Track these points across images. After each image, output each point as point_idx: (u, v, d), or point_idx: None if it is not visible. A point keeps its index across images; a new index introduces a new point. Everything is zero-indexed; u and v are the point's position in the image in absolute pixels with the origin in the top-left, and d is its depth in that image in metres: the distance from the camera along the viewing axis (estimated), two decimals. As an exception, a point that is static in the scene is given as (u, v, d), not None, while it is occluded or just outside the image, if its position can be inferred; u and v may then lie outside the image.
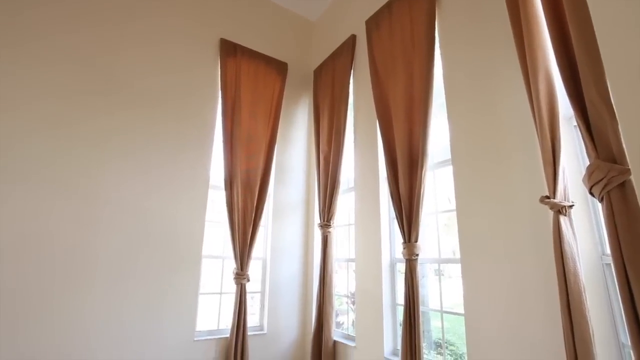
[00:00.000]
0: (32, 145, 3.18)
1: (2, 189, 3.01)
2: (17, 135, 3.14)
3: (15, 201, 3.05)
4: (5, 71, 3.18)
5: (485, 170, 2.57)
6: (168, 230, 3.68)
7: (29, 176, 3.13)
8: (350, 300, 4.10)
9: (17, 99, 3.19)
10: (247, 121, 4.29)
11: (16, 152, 3.11)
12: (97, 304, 3.23)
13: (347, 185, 4.27)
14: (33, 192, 3.13)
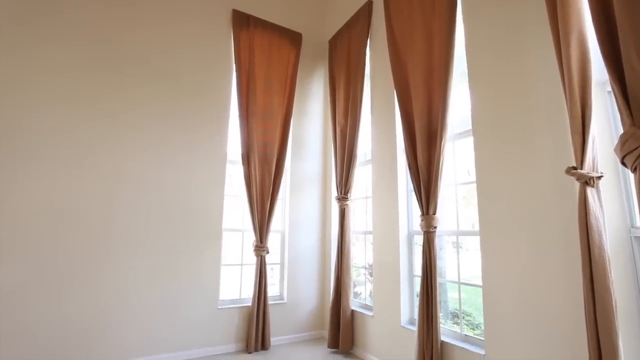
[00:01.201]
0: (62, 130, 3.25)
1: (39, 170, 3.11)
2: (48, 121, 3.20)
3: (51, 180, 3.16)
4: (28, 54, 3.20)
5: (507, 141, 2.46)
6: (189, 204, 3.75)
7: (61, 158, 3.23)
8: (367, 272, 4.14)
9: (42, 84, 3.23)
10: (262, 95, 4.22)
11: (49, 138, 3.19)
12: (130, 273, 3.38)
13: (364, 158, 4.21)
14: (65, 172, 3.23)
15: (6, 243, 2.97)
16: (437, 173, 2.86)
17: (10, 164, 3.05)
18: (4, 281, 2.93)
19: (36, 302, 3.01)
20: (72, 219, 3.22)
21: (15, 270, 2.97)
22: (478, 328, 2.97)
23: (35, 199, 3.10)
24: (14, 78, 3.14)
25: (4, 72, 3.11)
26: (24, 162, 3.10)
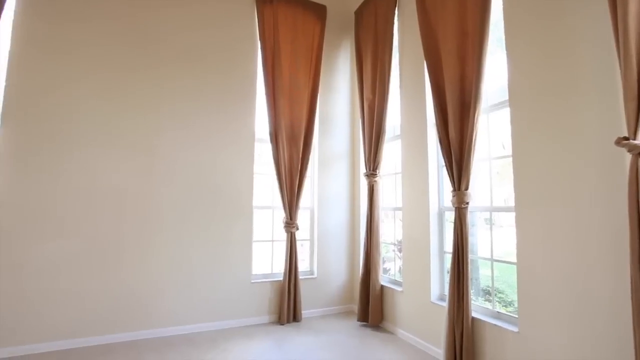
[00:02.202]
0: (100, 115, 3.37)
1: (84, 153, 3.27)
2: (87, 107, 3.33)
3: (95, 162, 3.32)
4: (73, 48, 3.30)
5: (548, 111, 2.27)
6: (220, 182, 3.83)
7: (101, 141, 3.37)
8: (396, 248, 4.10)
9: (81, 74, 3.33)
10: (288, 72, 4.14)
11: (90, 123, 3.32)
12: (170, 247, 3.54)
13: (393, 133, 4.08)
14: (105, 153, 3.37)
15: (62, 219, 3.17)
16: (470, 147, 2.72)
17: (60, 149, 3.22)
18: (62, 253, 3.16)
19: (88, 272, 3.24)
20: (116, 198, 3.38)
21: (70, 243, 3.19)
22: (511, 305, 2.89)
23: (83, 180, 3.27)
24: (59, 70, 3.26)
25: (52, 67, 3.23)
26: (71, 146, 3.25)
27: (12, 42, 3.16)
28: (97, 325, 3.24)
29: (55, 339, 3.09)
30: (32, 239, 3.09)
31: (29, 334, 3.03)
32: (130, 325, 3.35)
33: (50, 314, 3.10)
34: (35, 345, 3.03)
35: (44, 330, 3.07)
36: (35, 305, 3.06)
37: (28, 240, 3.08)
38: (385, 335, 3.58)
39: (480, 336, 2.68)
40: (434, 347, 3.10)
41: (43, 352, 3.01)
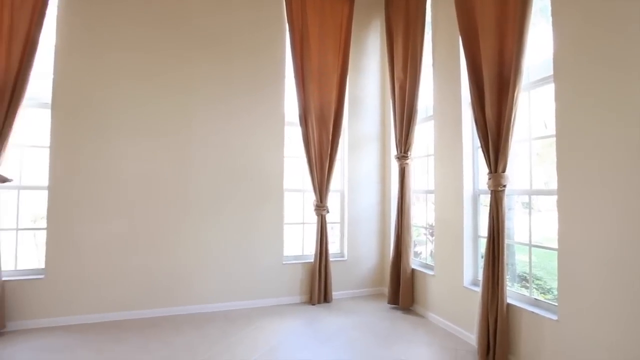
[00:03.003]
0: (138, 103, 3.49)
1: (126, 141, 3.44)
2: (126, 96, 3.45)
3: (134, 149, 3.47)
4: (109, 40, 3.41)
5: (598, 86, 2.07)
6: (251, 166, 3.87)
7: (139, 128, 3.50)
8: (428, 232, 4.00)
9: (119, 63, 3.44)
10: (317, 54, 4.05)
11: (128, 112, 3.45)
12: (205, 229, 3.67)
13: (426, 114, 3.91)
14: (143, 140, 3.51)
15: (109, 203, 3.37)
16: (508, 127, 2.55)
17: (103, 137, 3.38)
18: (110, 233, 3.37)
19: (134, 251, 3.43)
20: (155, 183, 3.52)
21: (117, 224, 3.39)
22: (550, 293, 2.74)
23: (124, 166, 3.43)
24: (98, 62, 3.38)
25: (92, 60, 3.36)
26: (112, 134, 3.41)
27: (57, 37, 3.31)
28: (143, 300, 3.44)
29: (106, 311, 3.33)
30: (84, 221, 3.31)
31: (83, 305, 3.28)
32: (171, 301, 3.53)
33: (102, 289, 3.33)
34: (89, 315, 3.28)
35: (96, 302, 3.31)
36: (89, 280, 3.30)
37: (80, 222, 3.30)
38: (415, 319, 3.54)
39: (516, 323, 2.57)
40: (466, 332, 3.03)
41: (95, 322, 3.25)
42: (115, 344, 2.87)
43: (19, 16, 3.11)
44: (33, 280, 3.18)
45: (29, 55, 3.12)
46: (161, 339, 2.96)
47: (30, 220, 3.42)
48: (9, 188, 3.22)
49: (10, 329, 3.07)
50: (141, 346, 2.84)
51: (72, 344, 2.85)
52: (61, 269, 3.24)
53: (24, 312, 3.14)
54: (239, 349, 2.83)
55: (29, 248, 3.33)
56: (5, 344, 2.85)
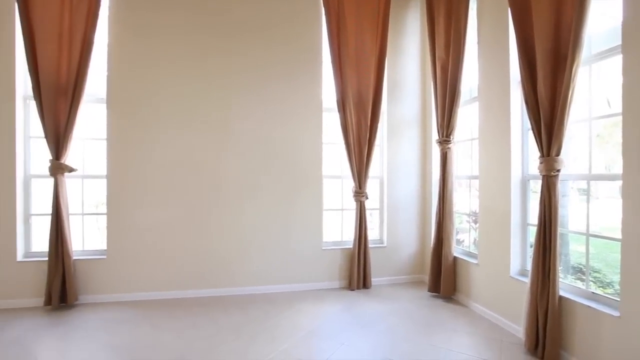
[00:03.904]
0: (181, 95, 3.60)
1: (173, 131, 3.58)
2: (168, 88, 3.57)
3: (180, 139, 3.61)
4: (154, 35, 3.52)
5: (677, 55, 1.77)
6: (291, 153, 3.87)
7: (184, 119, 3.62)
8: (471, 219, 3.78)
9: (162, 56, 3.56)
10: (354, 38, 3.90)
11: (173, 104, 3.58)
12: (248, 215, 3.76)
13: (470, 95, 3.64)
14: (188, 130, 3.62)
15: (158, 190, 3.55)
16: (564, 106, 2.28)
17: (152, 128, 3.55)
18: (160, 218, 3.56)
19: (183, 235, 3.61)
20: (199, 171, 3.64)
21: (167, 210, 3.57)
22: (610, 287, 2.47)
23: (172, 155, 3.58)
24: (145, 58, 3.52)
25: (139, 56, 3.50)
26: (160, 125, 3.56)
27: (109, 36, 3.47)
28: (191, 280, 3.62)
29: (159, 290, 3.55)
30: (138, 206, 3.52)
31: (139, 283, 3.52)
32: (217, 283, 3.68)
33: (155, 269, 3.55)
34: (144, 293, 3.52)
35: (150, 281, 3.54)
36: (144, 261, 3.53)
37: (135, 208, 3.51)
38: (457, 308, 3.39)
39: (569, 317, 2.36)
40: (512, 324, 2.84)
41: (150, 300, 3.48)
42: (167, 320, 3.06)
43: (77, 19, 3.29)
44: (97, 260, 3.46)
45: (86, 55, 3.31)
46: (208, 318, 3.10)
47: (93, 206, 3.71)
48: (74, 177, 3.49)
49: (80, 302, 3.38)
50: (190, 323, 2.99)
51: (131, 318, 3.08)
52: (120, 251, 3.48)
53: (91, 287, 3.43)
54: (280, 330, 2.88)
55: (93, 231, 3.62)
56: (78, 314, 3.15)
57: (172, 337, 2.74)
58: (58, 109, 3.27)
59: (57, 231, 3.25)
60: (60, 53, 3.27)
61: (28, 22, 3.20)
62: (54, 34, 3.25)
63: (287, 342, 2.67)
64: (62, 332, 2.83)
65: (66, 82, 3.29)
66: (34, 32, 3.21)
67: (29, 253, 3.44)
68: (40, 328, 2.89)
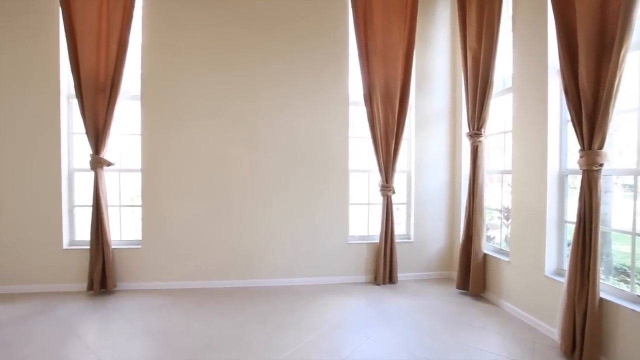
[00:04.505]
0: (210, 89, 3.67)
1: (202, 126, 3.66)
2: (199, 83, 3.64)
3: (209, 133, 3.68)
4: (183, 33, 3.60)
5: None
6: (317, 147, 3.85)
7: (212, 114, 3.68)
8: (503, 215, 3.60)
9: (190, 53, 3.62)
10: (381, 29, 3.79)
11: (203, 98, 3.66)
12: (274, 208, 3.79)
13: (503, 86, 3.45)
14: (216, 125, 3.69)
15: (189, 183, 3.65)
16: (609, 96, 2.09)
17: (183, 123, 3.63)
18: (191, 210, 3.66)
19: (211, 227, 3.69)
20: (227, 164, 3.70)
21: (197, 203, 3.67)
22: (659, 290, 2.28)
23: (201, 149, 3.66)
24: (175, 56, 3.60)
25: (170, 54, 3.59)
26: (190, 121, 3.64)
27: (142, 35, 3.57)
28: (220, 271, 3.71)
29: (190, 279, 3.66)
30: (171, 199, 3.63)
31: (172, 273, 3.65)
32: (244, 274, 3.74)
33: (187, 260, 3.67)
34: (176, 282, 3.65)
35: (182, 271, 3.66)
36: (176, 252, 3.65)
37: (168, 200, 3.63)
38: (487, 306, 3.26)
39: (611, 321, 2.20)
40: (546, 325, 2.69)
41: (182, 288, 3.60)
42: (197, 308, 3.15)
43: (113, 20, 3.42)
44: (133, 250, 3.62)
45: (122, 54, 3.43)
46: (236, 308, 3.17)
47: (129, 198, 3.87)
48: (112, 171, 3.65)
49: (119, 288, 3.55)
50: (220, 312, 3.06)
51: (165, 305, 3.20)
52: (154, 241, 3.62)
53: (128, 275, 3.60)
54: (306, 322, 2.89)
55: (129, 222, 3.78)
56: (117, 299, 3.32)
57: (202, 324, 2.82)
58: (97, 106, 3.42)
59: (97, 221, 3.42)
60: (98, 53, 3.40)
61: (70, 25, 3.35)
62: (93, 35, 3.39)
63: (313, 334, 2.68)
64: (102, 316, 2.99)
65: (104, 80, 3.43)
66: (76, 35, 3.37)
67: (73, 241, 3.65)
68: (84, 311, 3.07)
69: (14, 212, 3.46)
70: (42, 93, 3.46)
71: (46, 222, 3.50)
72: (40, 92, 3.46)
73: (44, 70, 3.46)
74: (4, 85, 3.42)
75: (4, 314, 2.98)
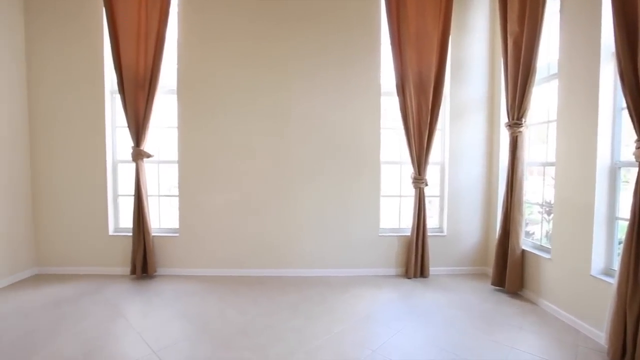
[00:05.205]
0: (242, 80, 3.70)
1: (235, 118, 3.72)
2: (228, 76, 3.68)
3: (242, 124, 3.73)
4: (216, 25, 3.64)
5: None
6: (348, 139, 3.79)
7: (245, 105, 3.72)
8: (544, 210, 3.38)
9: (223, 45, 3.67)
10: (415, 16, 3.62)
11: (235, 89, 3.71)
12: (306, 199, 3.80)
13: (547, 72, 3.20)
14: (249, 116, 3.73)
15: (223, 173, 3.74)
16: (674, 79, 1.87)
17: (216, 116, 3.71)
18: (223, 200, 3.75)
19: (245, 217, 3.77)
20: (260, 155, 3.75)
21: (231, 193, 3.75)
22: None
23: (234, 140, 3.72)
24: (208, 48, 3.66)
25: (204, 47, 3.65)
26: (223, 113, 3.70)
27: (178, 31, 3.66)
28: (252, 260, 3.79)
29: (224, 267, 3.77)
30: (206, 189, 3.74)
31: (207, 260, 3.77)
32: (276, 263, 3.80)
33: (221, 248, 3.78)
34: (211, 269, 3.77)
35: (216, 259, 3.78)
36: (211, 240, 3.77)
37: (204, 190, 3.74)
38: (524, 304, 3.09)
39: (667, 327, 2.00)
40: (592, 328, 2.50)
41: (216, 275, 3.72)
42: (231, 295, 3.24)
43: (151, 18, 3.52)
44: (171, 237, 3.78)
45: (159, 50, 3.54)
46: (268, 296, 3.22)
47: (167, 189, 4.03)
48: (151, 162, 3.81)
49: (159, 274, 3.73)
50: (252, 299, 3.13)
51: (200, 291, 3.32)
52: (190, 230, 3.75)
53: (166, 261, 3.76)
54: (336, 312, 2.89)
55: (168, 211, 3.95)
56: (156, 284, 3.49)
57: (235, 311, 2.90)
58: (137, 101, 3.56)
59: (139, 210, 3.59)
60: (138, 50, 3.53)
61: (113, 25, 3.50)
62: (133, 33, 3.51)
63: (343, 325, 2.67)
64: (144, 298, 3.15)
65: (143, 76, 3.55)
66: (118, 34, 3.50)
67: (118, 228, 3.87)
68: (127, 293, 3.26)
69: (68, 201, 3.72)
70: (90, 90, 3.66)
71: (94, 210, 3.73)
72: (88, 89, 3.66)
73: (90, 69, 3.65)
74: (57, 84, 3.65)
75: (61, 293, 3.24)
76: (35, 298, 3.12)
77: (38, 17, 3.61)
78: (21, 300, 3.08)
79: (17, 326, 2.60)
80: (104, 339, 2.43)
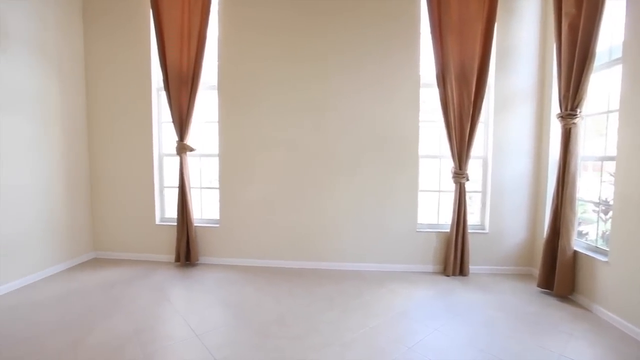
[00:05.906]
0: (282, 75, 3.73)
1: (275, 112, 3.77)
2: (269, 72, 3.73)
3: (281, 119, 3.77)
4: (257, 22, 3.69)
5: None
6: (386, 132, 3.70)
7: (284, 99, 3.75)
8: (600, 208, 3.09)
9: (263, 41, 3.70)
10: (457, 3, 3.43)
11: (275, 84, 3.74)
12: (343, 192, 3.78)
13: (609, 58, 2.90)
14: (288, 110, 3.75)
15: (261, 167, 3.81)
16: None
17: (256, 110, 3.77)
18: (262, 193, 3.83)
19: (282, 210, 3.83)
20: (297, 149, 3.77)
21: (268, 187, 3.82)
22: None
23: (273, 135, 3.77)
24: (249, 44, 3.72)
25: (245, 42, 3.72)
26: (262, 107, 3.76)
27: (219, 29, 3.74)
28: (287, 251, 3.84)
29: (262, 258, 3.86)
30: (246, 182, 3.84)
31: (245, 251, 3.88)
32: (312, 256, 3.82)
33: (260, 239, 3.86)
34: (249, 260, 3.88)
35: (255, 250, 3.87)
36: (250, 231, 3.87)
37: (243, 183, 3.84)
38: (575, 310, 2.86)
39: None
40: (656, 338, 2.27)
41: (254, 266, 3.82)
42: (268, 285, 3.31)
43: (193, 17, 3.63)
44: (212, 228, 3.92)
45: (201, 48, 3.65)
46: (304, 287, 3.25)
47: (209, 181, 4.19)
48: (194, 156, 3.97)
49: (201, 262, 3.90)
50: (288, 290, 3.18)
51: (239, 280, 3.43)
52: (230, 221, 3.87)
53: (208, 251, 3.93)
54: (372, 307, 2.86)
55: (209, 202, 4.11)
56: (199, 271, 3.65)
57: (272, 300, 2.96)
58: (181, 97, 3.70)
59: (182, 202, 3.76)
60: (181, 48, 3.66)
61: (159, 26, 3.66)
62: (177, 32, 3.65)
63: (378, 319, 2.63)
64: (187, 284, 3.31)
65: (187, 73, 3.69)
66: (163, 34, 3.66)
67: (164, 218, 4.09)
68: (172, 279, 3.44)
69: (121, 191, 4.00)
70: (138, 87, 3.87)
71: (143, 201, 3.97)
72: (137, 86, 3.87)
73: (139, 68, 3.85)
74: (111, 83, 3.91)
75: (114, 276, 3.51)
76: (93, 280, 3.39)
77: (95, 22, 3.87)
78: (81, 281, 3.36)
79: (78, 304, 2.85)
80: (152, 320, 2.60)
